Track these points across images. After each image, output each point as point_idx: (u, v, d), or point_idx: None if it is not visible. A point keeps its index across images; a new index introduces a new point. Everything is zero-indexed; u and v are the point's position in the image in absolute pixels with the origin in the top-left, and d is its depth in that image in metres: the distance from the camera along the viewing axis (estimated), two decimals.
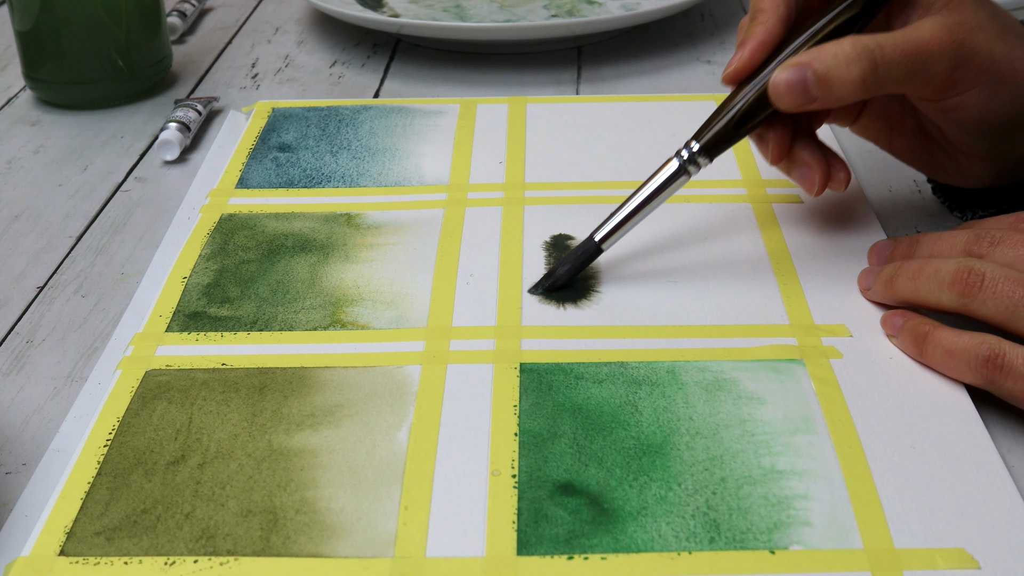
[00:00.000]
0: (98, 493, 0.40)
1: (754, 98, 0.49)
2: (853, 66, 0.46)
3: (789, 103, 0.48)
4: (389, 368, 0.46)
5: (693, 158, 0.50)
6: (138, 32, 0.72)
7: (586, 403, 0.44)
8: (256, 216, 0.58)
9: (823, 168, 0.51)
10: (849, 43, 0.47)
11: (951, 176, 0.54)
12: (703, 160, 0.50)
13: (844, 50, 0.46)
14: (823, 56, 0.47)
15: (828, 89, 0.47)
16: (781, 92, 0.47)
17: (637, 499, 0.39)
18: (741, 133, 0.50)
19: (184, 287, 0.52)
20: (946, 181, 0.55)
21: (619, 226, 0.50)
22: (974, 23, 0.47)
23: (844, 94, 0.47)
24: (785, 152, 0.51)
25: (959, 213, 0.57)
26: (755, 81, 0.49)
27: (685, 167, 0.50)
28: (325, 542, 0.38)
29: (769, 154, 0.51)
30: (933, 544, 0.37)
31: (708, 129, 0.50)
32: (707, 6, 0.88)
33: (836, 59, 0.46)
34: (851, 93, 0.47)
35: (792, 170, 0.52)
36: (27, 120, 0.73)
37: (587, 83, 0.76)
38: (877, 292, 0.49)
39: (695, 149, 0.50)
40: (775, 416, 0.43)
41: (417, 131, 0.66)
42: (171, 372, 0.47)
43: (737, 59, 0.49)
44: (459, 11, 0.84)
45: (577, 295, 0.51)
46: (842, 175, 0.51)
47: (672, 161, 0.50)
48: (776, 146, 0.51)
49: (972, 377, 0.44)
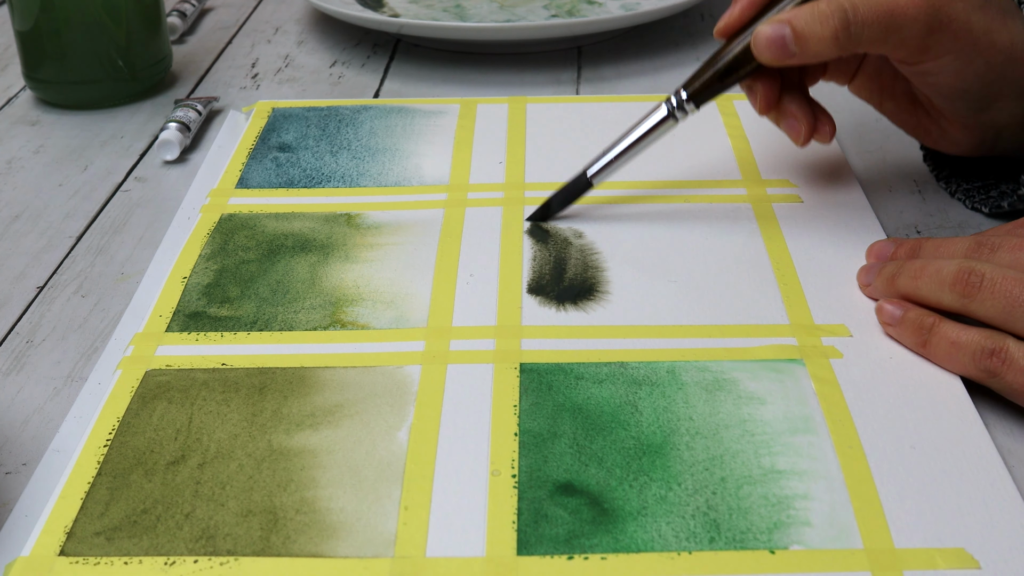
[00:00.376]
0: (98, 493, 0.40)
1: (739, 52, 0.52)
2: (826, 24, 0.49)
3: (769, 57, 0.50)
4: (389, 368, 0.46)
5: (681, 104, 0.53)
6: (138, 32, 0.72)
7: (586, 403, 0.44)
8: (256, 216, 0.58)
9: (809, 120, 0.54)
10: (825, 2, 0.49)
11: (936, 141, 0.56)
12: (690, 107, 0.54)
13: (820, 8, 0.49)
14: (801, 14, 0.49)
15: (804, 45, 0.49)
16: (762, 47, 0.50)
17: (637, 499, 0.39)
18: (727, 84, 0.53)
19: (184, 287, 0.52)
20: (932, 146, 0.57)
21: (608, 164, 0.55)
22: None
23: (818, 50, 0.49)
24: (773, 103, 0.54)
25: (944, 184, 0.59)
26: (742, 37, 0.52)
27: (673, 112, 0.54)
28: (325, 542, 0.38)
29: (757, 104, 0.54)
30: (933, 544, 0.37)
31: (697, 79, 0.53)
32: (707, 6, 0.88)
33: (812, 16, 0.49)
34: (825, 50, 0.49)
35: (780, 121, 0.55)
36: (27, 120, 0.73)
37: (587, 83, 0.76)
38: (878, 289, 0.49)
39: (683, 96, 0.53)
40: (775, 416, 0.43)
41: (417, 131, 0.66)
42: (171, 372, 0.47)
43: (727, 15, 0.53)
44: (459, 11, 0.84)
45: (577, 295, 0.51)
46: (827, 128, 0.54)
47: (661, 107, 0.54)
48: (763, 96, 0.54)
49: (974, 370, 0.44)
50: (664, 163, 0.62)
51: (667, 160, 0.62)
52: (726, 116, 0.67)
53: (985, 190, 0.57)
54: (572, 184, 0.56)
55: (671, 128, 0.54)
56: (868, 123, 0.67)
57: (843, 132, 0.66)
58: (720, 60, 0.53)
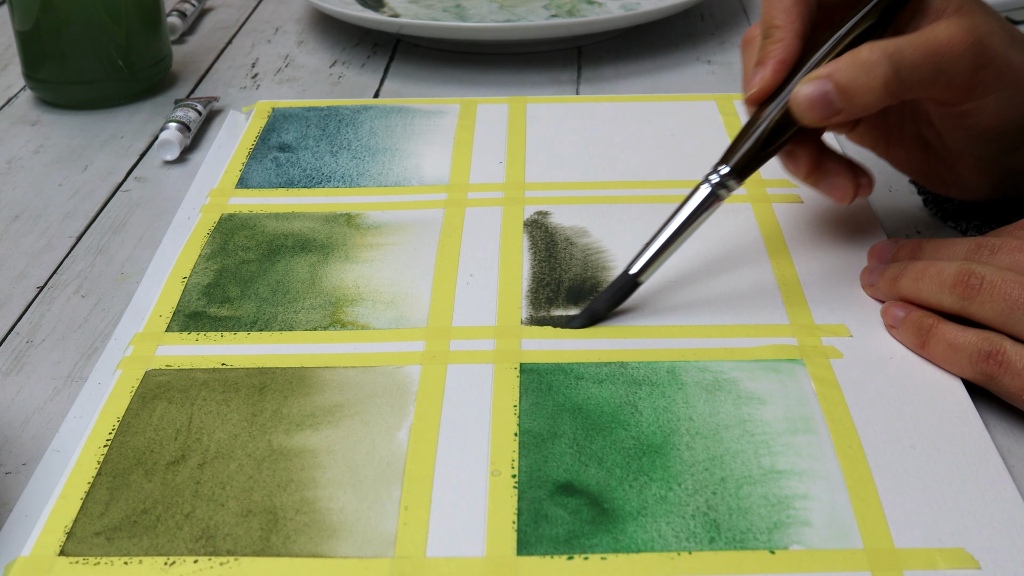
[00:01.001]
0: (98, 493, 0.40)
1: (779, 116, 0.48)
2: (875, 72, 0.45)
3: (813, 117, 0.46)
4: (389, 368, 0.46)
5: (723, 182, 0.49)
6: (138, 32, 0.72)
7: (586, 403, 0.44)
8: (256, 216, 0.58)
9: (852, 176, 0.50)
10: (867, 49, 0.46)
11: (947, 187, 0.54)
12: (733, 183, 0.49)
13: (863, 57, 0.45)
14: (842, 66, 0.46)
15: (851, 99, 0.46)
16: (803, 108, 0.46)
17: (637, 499, 0.39)
18: (770, 153, 0.49)
19: (184, 287, 0.52)
20: (942, 192, 0.55)
21: (655, 257, 0.49)
22: (987, 28, 0.47)
23: (868, 102, 0.46)
24: (816, 166, 0.50)
25: (952, 223, 0.56)
26: (778, 99, 0.48)
27: (716, 192, 0.49)
28: (325, 542, 0.38)
29: (800, 171, 0.50)
30: (933, 544, 0.37)
31: (736, 151, 0.49)
32: (707, 6, 0.88)
33: (855, 67, 0.45)
34: (875, 100, 0.46)
35: (821, 182, 0.50)
36: (27, 120, 0.73)
37: (587, 83, 0.76)
38: (880, 290, 0.49)
39: (724, 172, 0.49)
40: (775, 416, 0.43)
41: (417, 131, 0.66)
42: (171, 372, 0.47)
43: (759, 79, 0.48)
44: (459, 11, 0.84)
45: (578, 296, 0.51)
46: (865, 180, 0.50)
47: (703, 187, 0.49)
48: (807, 162, 0.50)
49: (972, 372, 0.44)
50: (664, 163, 0.62)
51: (667, 160, 0.62)
52: (726, 116, 0.67)
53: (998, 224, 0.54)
54: (616, 285, 0.49)
55: (716, 209, 0.49)
56: None
57: None
58: (758, 127, 0.48)
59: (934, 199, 0.57)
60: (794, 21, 0.48)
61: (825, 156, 0.50)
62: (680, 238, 0.49)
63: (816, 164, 0.50)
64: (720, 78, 0.76)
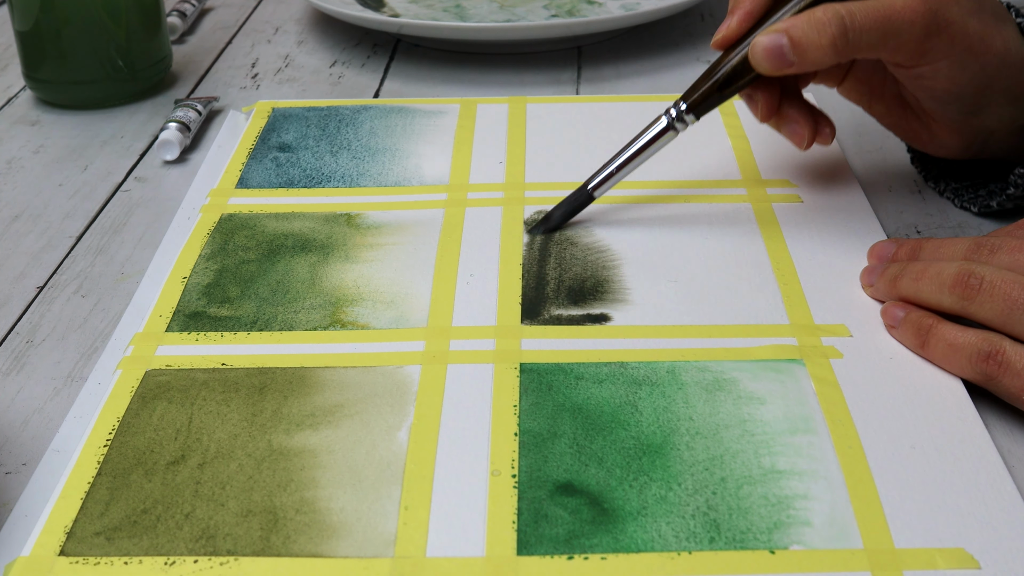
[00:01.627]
0: (98, 493, 0.40)
1: (737, 62, 0.53)
2: (824, 31, 0.49)
3: (768, 67, 0.50)
4: (389, 368, 0.46)
5: (680, 116, 0.54)
6: (138, 32, 0.72)
7: (586, 403, 0.44)
8: (256, 216, 0.58)
9: (810, 124, 0.54)
10: (821, 10, 0.49)
11: (925, 144, 0.57)
12: (690, 118, 0.54)
13: (816, 16, 0.49)
14: (798, 23, 0.50)
15: (802, 54, 0.49)
16: (760, 57, 0.50)
17: (637, 499, 0.39)
18: (726, 94, 0.53)
19: (184, 287, 0.52)
20: (921, 149, 0.58)
21: (609, 176, 0.55)
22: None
23: (817, 58, 0.49)
24: (774, 111, 0.54)
25: (933, 184, 0.59)
26: (740, 47, 0.53)
27: (673, 124, 0.54)
28: (325, 542, 0.38)
29: (759, 113, 0.54)
30: (933, 544, 0.37)
31: (696, 90, 0.54)
32: (707, 6, 0.88)
33: (809, 25, 0.49)
34: (823, 57, 0.49)
35: (781, 126, 0.55)
36: (27, 120, 0.73)
37: (587, 83, 0.76)
38: (880, 290, 0.49)
39: (682, 108, 0.54)
40: (775, 416, 0.43)
41: (417, 131, 0.66)
42: (171, 372, 0.47)
43: (725, 27, 0.53)
44: (459, 11, 0.84)
45: (578, 296, 0.51)
46: (827, 130, 0.55)
47: (661, 118, 0.54)
48: (764, 105, 0.54)
49: (971, 373, 0.44)
50: (665, 163, 0.62)
51: (668, 160, 0.62)
52: (726, 116, 0.67)
53: (973, 189, 0.57)
54: (573, 197, 0.56)
55: (671, 139, 0.54)
56: (868, 123, 0.67)
57: (843, 132, 0.66)
58: (718, 71, 0.53)
59: (920, 157, 0.60)
60: None
61: (786, 102, 0.55)
62: (634, 162, 0.55)
63: (774, 109, 0.54)
64: None
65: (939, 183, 0.59)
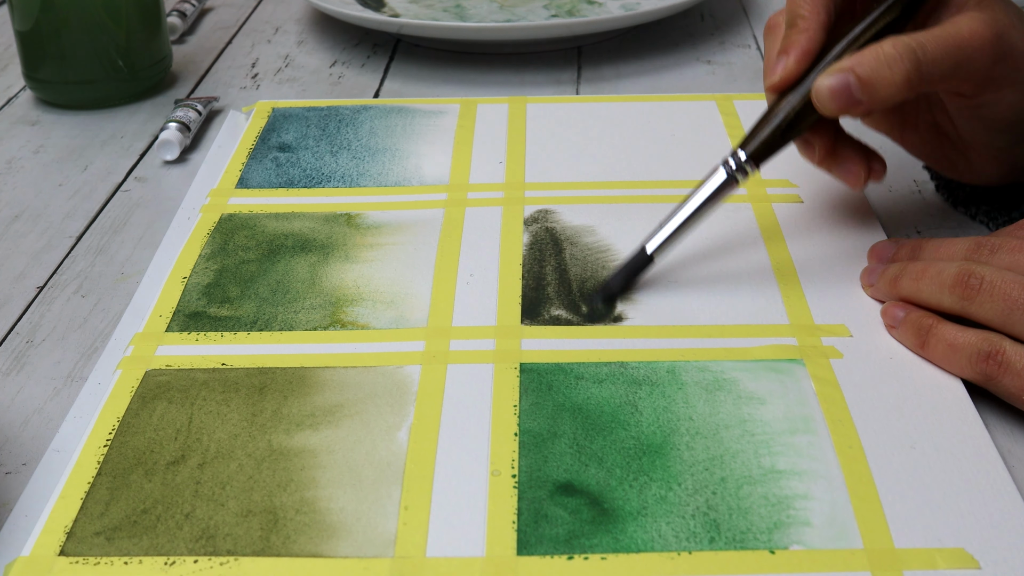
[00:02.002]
0: (98, 493, 0.40)
1: (799, 106, 0.49)
2: (896, 67, 0.46)
3: (834, 108, 0.47)
4: (389, 368, 0.46)
5: (742, 167, 0.50)
6: (138, 32, 0.72)
7: (586, 403, 0.44)
8: (256, 216, 0.58)
9: (864, 162, 0.51)
10: (890, 44, 0.47)
11: (960, 173, 0.55)
12: (750, 168, 0.50)
13: (886, 51, 0.46)
14: (865, 59, 0.47)
15: (872, 92, 0.47)
16: (825, 98, 0.47)
17: (637, 499, 0.39)
18: (788, 139, 0.50)
19: (184, 287, 0.52)
20: (955, 177, 0.56)
21: (671, 237, 0.50)
22: (1007, 21, 0.48)
23: (888, 95, 0.47)
24: (831, 153, 0.51)
25: (963, 208, 0.57)
26: (799, 89, 0.49)
27: (734, 176, 0.50)
28: (325, 542, 0.38)
29: (815, 157, 0.51)
30: (933, 544, 0.37)
31: (755, 137, 0.50)
32: (707, 6, 0.88)
33: (878, 61, 0.46)
34: (896, 94, 0.47)
35: (834, 168, 0.51)
36: (27, 120, 0.73)
37: (587, 83, 0.76)
38: (880, 290, 0.49)
39: (743, 158, 0.50)
40: (775, 416, 0.43)
41: (417, 131, 0.66)
42: (171, 372, 0.47)
43: (781, 68, 0.49)
44: (459, 11, 0.84)
45: (577, 296, 0.51)
46: (879, 166, 0.51)
47: (720, 170, 0.50)
48: (822, 148, 0.51)
49: (971, 373, 0.44)
50: (664, 162, 0.62)
51: (667, 159, 0.62)
52: (726, 116, 0.67)
53: (1006, 211, 0.55)
54: (632, 262, 0.51)
55: (732, 192, 0.51)
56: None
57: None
58: (778, 115, 0.50)
59: (946, 185, 0.58)
60: (819, 12, 0.49)
61: (839, 142, 0.51)
62: (695, 220, 0.50)
63: (830, 150, 0.51)
64: (720, 78, 0.76)
65: (970, 207, 0.57)
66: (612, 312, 0.50)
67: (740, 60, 0.79)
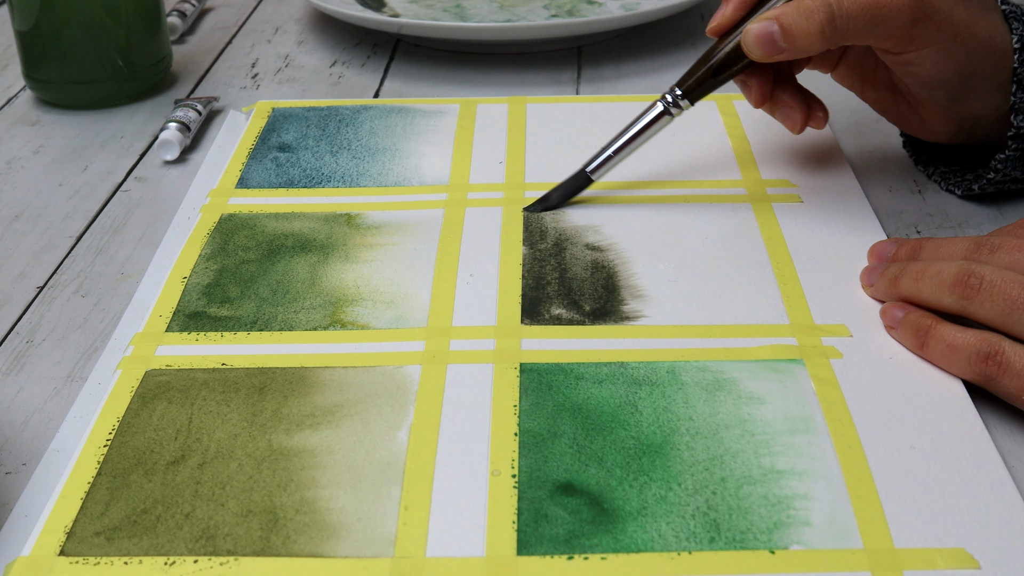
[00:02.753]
0: (98, 493, 0.40)
1: (731, 49, 0.54)
2: (812, 18, 0.50)
3: (759, 53, 0.52)
4: (389, 368, 0.46)
5: (676, 101, 0.56)
6: (138, 32, 0.72)
7: (586, 403, 0.44)
8: (256, 216, 0.58)
9: (803, 108, 0.56)
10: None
11: (916, 129, 0.59)
12: (684, 103, 0.56)
13: (805, 4, 0.51)
14: (788, 10, 0.51)
15: (792, 40, 0.51)
16: (751, 44, 0.52)
17: (637, 499, 0.39)
18: (720, 80, 0.55)
19: (184, 287, 0.52)
20: (913, 134, 0.59)
21: (607, 160, 0.57)
22: None
23: (806, 45, 0.51)
24: (767, 96, 0.56)
25: (922, 167, 0.61)
26: (734, 35, 0.54)
27: (668, 109, 0.56)
28: (325, 542, 0.38)
29: (752, 98, 0.56)
30: (933, 544, 0.37)
31: (690, 76, 0.55)
32: (707, 6, 0.88)
33: (798, 12, 0.51)
34: (812, 44, 0.51)
35: (775, 111, 0.57)
36: (27, 120, 0.73)
37: (587, 83, 0.76)
38: (880, 290, 0.49)
39: (678, 93, 0.55)
40: (775, 416, 0.43)
41: (417, 131, 0.66)
42: (171, 372, 0.47)
43: (720, 14, 0.55)
44: (459, 11, 0.84)
45: (577, 296, 0.51)
46: (820, 113, 0.57)
47: (657, 104, 0.56)
48: (757, 90, 0.56)
49: (970, 373, 0.44)
50: (664, 162, 0.62)
51: (667, 159, 0.62)
52: (726, 116, 0.67)
53: (960, 173, 0.59)
54: (572, 180, 0.57)
55: (667, 124, 0.56)
56: (868, 123, 0.67)
57: (843, 132, 0.66)
58: (712, 57, 0.55)
59: (912, 142, 0.62)
60: None
61: (779, 88, 0.56)
62: (629, 147, 0.57)
63: (767, 95, 0.56)
64: None
65: (928, 167, 0.61)
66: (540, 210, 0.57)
67: None
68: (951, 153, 0.61)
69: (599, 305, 0.50)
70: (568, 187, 0.57)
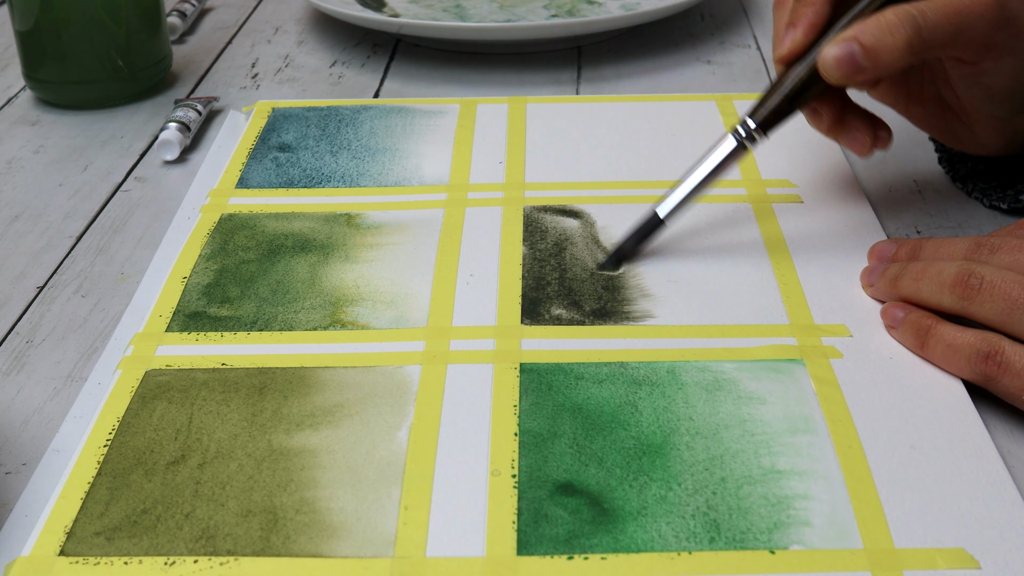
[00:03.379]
0: (98, 493, 0.40)
1: (806, 75, 0.51)
2: (897, 33, 0.48)
3: (839, 77, 0.49)
4: (389, 368, 0.46)
5: (751, 134, 0.52)
6: (138, 32, 0.72)
7: (586, 403, 0.44)
8: (256, 216, 0.58)
9: (870, 130, 0.53)
10: (891, 12, 0.48)
11: (964, 144, 0.56)
12: (759, 136, 0.52)
13: (888, 19, 0.48)
14: (867, 28, 0.49)
15: (875, 59, 0.48)
16: (831, 67, 0.49)
17: (637, 499, 0.39)
18: (795, 107, 0.52)
19: (184, 287, 0.52)
20: (958, 148, 0.57)
21: (681, 203, 0.52)
22: None
23: (891, 61, 0.48)
24: (839, 121, 0.53)
25: (960, 184, 0.59)
26: (806, 59, 0.51)
27: (743, 143, 0.52)
28: (325, 542, 0.38)
29: (823, 126, 0.54)
30: (933, 544, 0.37)
31: (763, 106, 0.52)
32: (707, 6, 0.88)
33: (880, 29, 0.48)
34: (898, 60, 0.48)
35: (841, 136, 0.54)
36: (27, 120, 0.73)
37: (587, 83, 0.76)
38: (880, 290, 0.49)
39: (751, 125, 0.52)
40: (775, 416, 0.43)
41: (417, 131, 0.66)
42: (171, 372, 0.47)
43: (789, 40, 0.51)
44: (459, 11, 0.84)
45: (577, 296, 0.51)
46: (884, 134, 0.54)
47: (729, 138, 0.52)
48: (829, 117, 0.53)
49: (971, 373, 0.44)
50: (664, 163, 0.62)
51: (667, 160, 0.62)
52: (726, 116, 0.67)
53: (1002, 188, 0.57)
54: (643, 225, 0.53)
55: (742, 159, 0.53)
56: None
57: None
58: (785, 84, 0.52)
59: (949, 158, 0.60)
60: None
61: (847, 111, 0.53)
62: (705, 186, 0.52)
63: (838, 119, 0.53)
64: (720, 78, 0.76)
65: (967, 183, 0.59)
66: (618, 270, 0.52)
67: (740, 60, 0.79)
68: (987, 169, 0.59)
69: (599, 305, 0.50)
70: (641, 233, 0.53)
